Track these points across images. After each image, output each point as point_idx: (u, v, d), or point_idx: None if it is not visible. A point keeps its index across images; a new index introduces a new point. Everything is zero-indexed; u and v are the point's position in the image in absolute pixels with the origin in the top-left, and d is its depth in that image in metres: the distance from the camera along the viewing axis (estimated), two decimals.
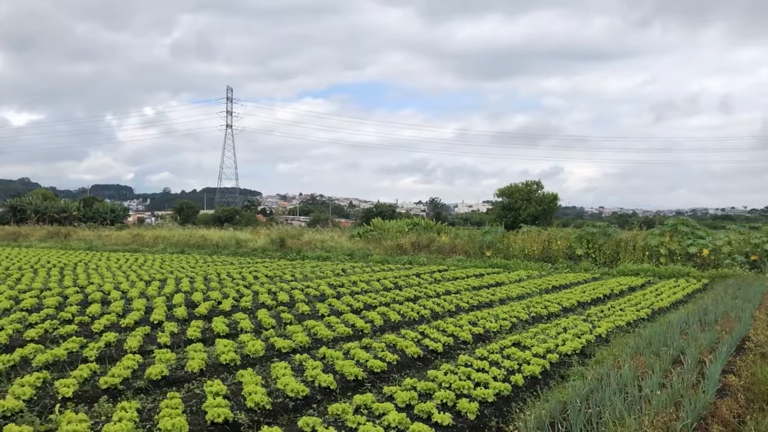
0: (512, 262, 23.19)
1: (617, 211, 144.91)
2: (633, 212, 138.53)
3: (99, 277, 17.54)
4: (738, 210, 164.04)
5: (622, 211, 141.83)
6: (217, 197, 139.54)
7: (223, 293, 14.01)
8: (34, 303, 11.98)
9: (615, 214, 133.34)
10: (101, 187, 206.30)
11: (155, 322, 10.38)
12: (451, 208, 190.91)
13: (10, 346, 8.41)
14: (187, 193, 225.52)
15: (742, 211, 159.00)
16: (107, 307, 11.98)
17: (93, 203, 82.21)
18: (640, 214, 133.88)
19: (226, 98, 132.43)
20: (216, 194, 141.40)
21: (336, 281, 16.88)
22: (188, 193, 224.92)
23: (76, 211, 73.42)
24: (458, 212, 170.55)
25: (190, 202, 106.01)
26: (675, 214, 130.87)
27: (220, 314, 11.40)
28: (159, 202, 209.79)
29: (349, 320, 10.40)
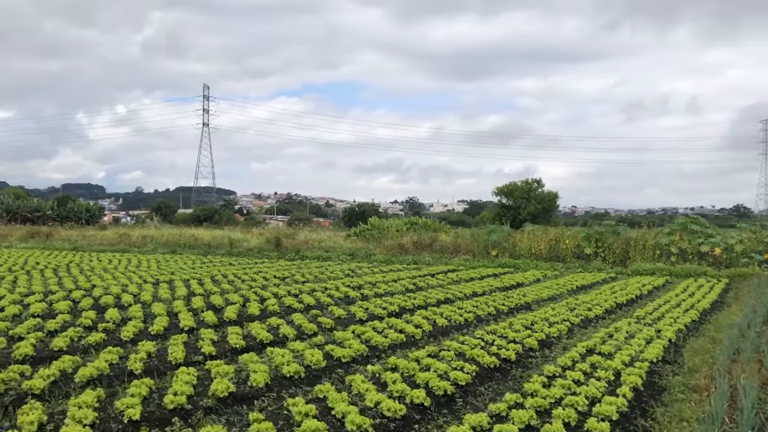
0: (521, 261, 22.69)
1: (590, 211, 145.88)
2: (605, 211, 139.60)
3: (99, 279, 16.61)
4: (707, 209, 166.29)
5: (595, 211, 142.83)
6: (193, 196, 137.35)
7: (242, 296, 13.23)
8: (44, 308, 11.11)
9: (588, 213, 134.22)
10: (72, 186, 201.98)
11: (186, 328, 9.61)
12: (427, 207, 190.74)
13: (38, 357, 7.59)
14: (161, 192, 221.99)
15: (711, 210, 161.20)
16: (125, 312, 11.15)
17: (67, 202, 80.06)
18: (612, 213, 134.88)
19: (202, 96, 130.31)
20: (192, 193, 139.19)
21: (351, 282, 16.19)
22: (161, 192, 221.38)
23: (50, 211, 71.42)
24: (433, 211, 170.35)
25: (167, 201, 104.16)
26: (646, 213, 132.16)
27: (252, 319, 10.66)
28: (132, 202, 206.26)
29: (397, 325, 9.73)
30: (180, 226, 50.66)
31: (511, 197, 41.59)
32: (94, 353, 8.01)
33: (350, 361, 7.64)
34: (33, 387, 6.02)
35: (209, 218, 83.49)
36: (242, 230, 35.74)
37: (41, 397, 5.99)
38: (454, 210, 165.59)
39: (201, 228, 38.57)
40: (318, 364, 7.19)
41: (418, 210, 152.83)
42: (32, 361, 7.47)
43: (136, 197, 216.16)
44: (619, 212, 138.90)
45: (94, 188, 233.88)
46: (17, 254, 26.58)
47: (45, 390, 6.09)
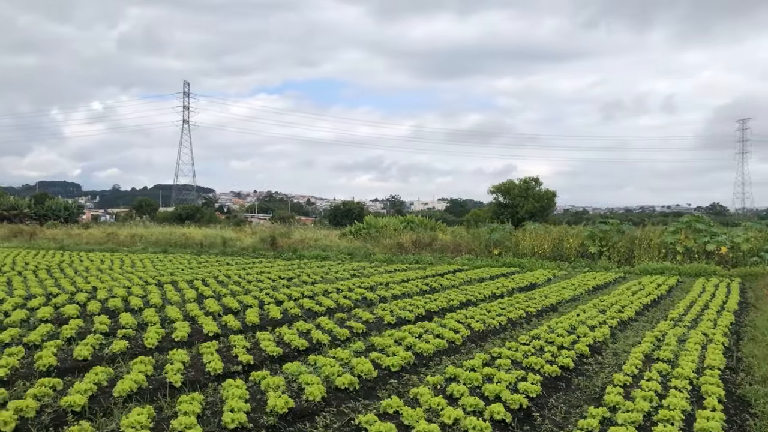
0: (526, 260, 22.37)
1: (569, 209, 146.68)
2: (584, 209, 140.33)
3: (98, 280, 15.93)
4: (683, 207, 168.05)
5: (574, 209, 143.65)
6: (173, 194, 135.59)
7: (256, 298, 12.68)
8: (51, 313, 10.47)
9: (567, 211, 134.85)
10: (47, 184, 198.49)
11: (210, 334, 9.07)
12: (408, 205, 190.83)
13: (64, 368, 7.04)
14: (138, 190, 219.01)
15: (687, 208, 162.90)
16: (138, 316, 10.58)
17: (45, 200, 78.46)
18: (591, 211, 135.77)
19: (183, 93, 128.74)
20: (172, 191, 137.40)
21: (362, 283, 15.70)
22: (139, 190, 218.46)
23: (27, 209, 69.86)
24: (414, 209, 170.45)
25: (148, 200, 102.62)
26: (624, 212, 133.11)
27: (275, 323, 10.16)
28: (109, 200, 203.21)
29: (433, 330, 9.26)
30: (165, 224, 49.66)
31: (508, 195, 41.25)
32: (122, 363, 7.47)
33: (399, 370, 7.18)
34: (73, 404, 5.47)
35: (191, 217, 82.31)
36: (234, 229, 35.04)
37: (82, 415, 5.46)
38: (434, 208, 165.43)
39: (191, 226, 37.73)
40: (369, 374, 6.72)
41: (400, 208, 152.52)
42: (58, 372, 6.93)
43: (113, 195, 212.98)
44: (597, 210, 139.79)
45: (70, 186, 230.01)
46: (3, 254, 25.70)
47: (85, 407, 5.54)
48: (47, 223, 50.27)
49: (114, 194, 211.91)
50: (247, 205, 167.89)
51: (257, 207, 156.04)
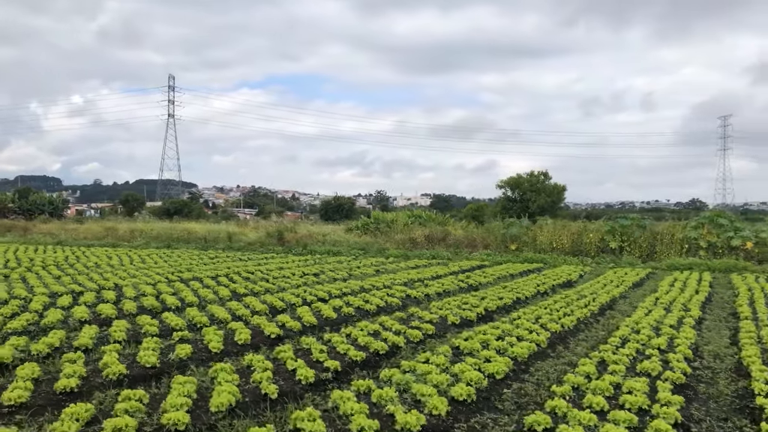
0: (547, 256, 21.88)
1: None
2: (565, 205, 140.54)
3: (115, 277, 15.14)
4: (662, 203, 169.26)
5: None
6: (158, 189, 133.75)
7: (297, 295, 12.01)
8: (87, 313, 9.75)
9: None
10: (27, 178, 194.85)
11: (273, 336, 8.42)
12: (391, 201, 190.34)
13: (135, 376, 6.37)
14: (120, 185, 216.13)
15: (667, 204, 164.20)
16: (182, 315, 9.86)
17: (29, 195, 76.86)
18: (572, 206, 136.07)
19: (168, 87, 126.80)
20: (157, 186, 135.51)
21: (393, 279, 15.06)
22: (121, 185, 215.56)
23: (11, 203, 68.28)
24: (397, 205, 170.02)
25: (134, 194, 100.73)
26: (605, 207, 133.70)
27: (333, 323, 9.56)
28: (90, 194, 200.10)
29: (511, 331, 8.67)
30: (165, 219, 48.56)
31: (518, 190, 40.63)
32: (194, 369, 6.80)
33: (504, 378, 6.58)
34: (177, 422, 4.81)
35: (179, 211, 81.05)
36: (237, 224, 34.22)
37: None
38: (417, 204, 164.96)
39: (191, 221, 36.83)
40: (480, 383, 6.11)
41: (385, 203, 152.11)
42: (130, 381, 6.25)
43: (94, 189, 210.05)
44: (578, 206, 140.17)
45: (51, 180, 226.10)
46: (1, 249, 24.70)
47: (189, 425, 4.88)
48: (39, 217, 49.02)
49: (95, 189, 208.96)
50: (232, 200, 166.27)
51: (243, 202, 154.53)
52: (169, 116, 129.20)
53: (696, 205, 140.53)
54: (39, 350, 7.23)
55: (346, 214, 78.37)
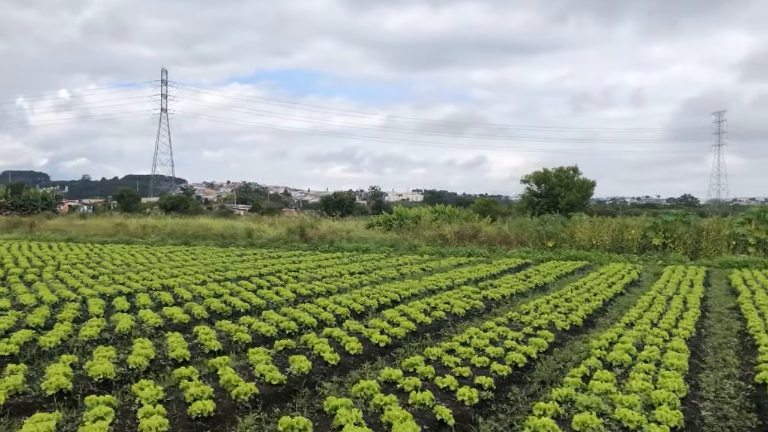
0: (591, 253, 21.09)
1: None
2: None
3: (155, 277, 14.18)
4: (653, 199, 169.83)
5: None
6: (151, 185, 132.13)
7: (369, 296, 11.13)
8: (159, 319, 8.83)
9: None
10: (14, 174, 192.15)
11: (382, 344, 7.54)
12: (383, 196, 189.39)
13: (267, 397, 5.45)
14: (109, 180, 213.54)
15: (657, 200, 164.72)
16: (259, 318, 8.95)
17: (21, 190, 75.42)
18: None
19: (161, 81, 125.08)
20: (150, 182, 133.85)
21: (452, 278, 14.20)
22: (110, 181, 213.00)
23: (3, 199, 66.83)
24: (389, 201, 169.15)
25: (130, 190, 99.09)
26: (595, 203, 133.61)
27: (431, 329, 8.73)
28: (78, 190, 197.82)
29: (635, 335, 7.82)
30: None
31: (544, 184, 39.65)
32: (330, 387, 5.90)
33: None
34: None
35: (176, 207, 79.87)
36: (252, 219, 33.24)
37: None
38: (409, 199, 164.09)
39: (204, 217, 35.78)
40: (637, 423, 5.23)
41: (380, 199, 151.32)
42: (265, 402, 5.39)
43: (82, 185, 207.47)
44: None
45: (38, 176, 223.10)
46: (14, 246, 23.58)
47: None
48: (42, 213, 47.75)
49: (84, 184, 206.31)
50: (224, 196, 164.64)
51: (236, 197, 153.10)
52: (162, 110, 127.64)
53: (688, 200, 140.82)
54: (138, 363, 6.31)
55: (346, 209, 77.54)
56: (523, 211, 36.66)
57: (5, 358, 6.74)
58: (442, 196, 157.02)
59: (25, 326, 8.41)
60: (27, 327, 8.37)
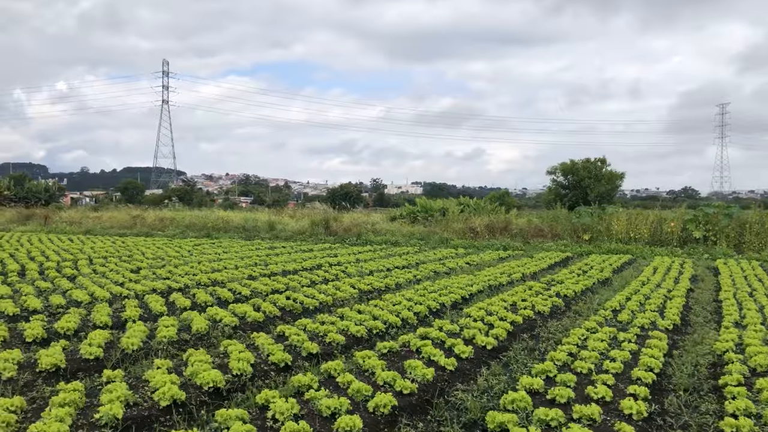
0: (632, 247, 20.52)
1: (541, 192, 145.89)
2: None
3: (195, 271, 13.57)
4: (651, 191, 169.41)
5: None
6: (153, 177, 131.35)
7: (439, 293, 10.52)
8: (234, 318, 8.22)
9: (540, 195, 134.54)
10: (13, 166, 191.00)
11: (489, 347, 6.98)
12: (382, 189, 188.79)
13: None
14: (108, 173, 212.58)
15: (657, 192, 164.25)
16: (334, 317, 8.35)
17: (24, 182, 74.70)
18: None
19: (162, 72, 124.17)
20: (152, 174, 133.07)
21: (502, 274, 13.62)
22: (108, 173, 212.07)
23: (6, 191, 66.07)
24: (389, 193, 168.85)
25: (134, 182, 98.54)
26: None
27: (522, 331, 8.09)
28: (77, 182, 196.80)
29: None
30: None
31: (574, 176, 38.83)
32: (462, 395, 5.31)
33: None
34: None
35: (181, 199, 79.27)
36: (274, 212, 32.63)
37: None
38: (407, 192, 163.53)
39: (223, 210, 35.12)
40: None
41: (381, 192, 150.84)
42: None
43: (81, 177, 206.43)
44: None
45: (36, 168, 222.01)
46: (33, 238, 22.90)
47: None
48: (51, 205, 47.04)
49: (82, 176, 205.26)
50: (226, 188, 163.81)
51: (237, 190, 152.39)
52: (163, 102, 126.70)
53: (689, 193, 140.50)
54: (242, 369, 5.72)
55: (354, 201, 76.90)
56: (550, 203, 35.99)
57: (90, 362, 6.14)
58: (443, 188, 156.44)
59: (92, 325, 7.82)
60: (95, 326, 7.78)
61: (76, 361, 6.12)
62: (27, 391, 5.33)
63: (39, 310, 8.72)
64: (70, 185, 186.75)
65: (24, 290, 10.26)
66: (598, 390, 5.14)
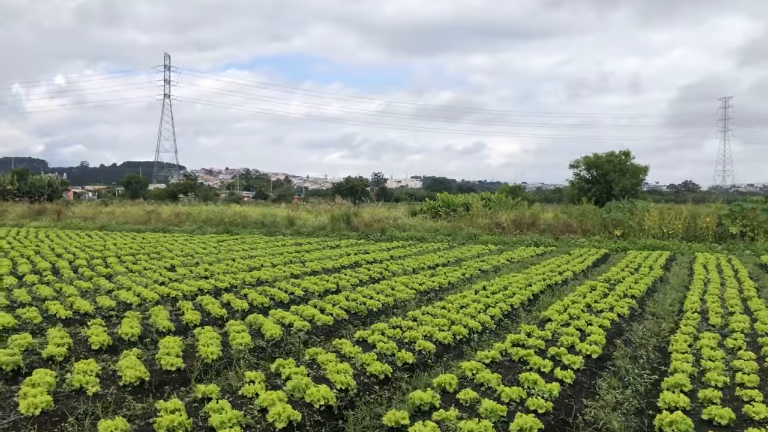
0: (669, 242, 19.99)
1: (540, 186, 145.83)
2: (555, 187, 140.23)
3: (232, 269, 13.04)
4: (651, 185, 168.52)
5: (545, 187, 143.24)
6: (155, 171, 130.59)
7: (507, 292, 9.99)
8: (304, 322, 7.68)
9: (539, 189, 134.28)
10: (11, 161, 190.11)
11: (595, 356, 6.42)
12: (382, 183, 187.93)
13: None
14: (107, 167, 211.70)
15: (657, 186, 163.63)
16: (407, 320, 7.81)
17: (26, 176, 74.07)
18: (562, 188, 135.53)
19: (164, 66, 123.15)
20: (154, 168, 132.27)
21: (551, 271, 13.09)
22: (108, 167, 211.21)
23: (9, 185, 65.42)
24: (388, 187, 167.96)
25: (137, 176, 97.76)
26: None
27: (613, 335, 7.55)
28: (77, 176, 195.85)
29: None
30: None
31: (599, 170, 38.06)
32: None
33: None
34: None
35: (185, 193, 78.59)
36: (290, 206, 32.08)
37: None
38: (407, 186, 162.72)
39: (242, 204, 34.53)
40: None
41: (383, 186, 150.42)
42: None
43: (81, 172, 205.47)
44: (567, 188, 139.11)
45: (35, 162, 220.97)
46: (52, 235, 22.28)
47: None
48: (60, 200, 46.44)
49: (82, 171, 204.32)
50: (228, 183, 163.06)
51: (239, 185, 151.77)
52: (165, 96, 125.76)
53: (689, 187, 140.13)
54: (346, 383, 5.19)
55: (360, 195, 76.21)
56: (573, 197, 35.43)
57: (172, 373, 5.60)
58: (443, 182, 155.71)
59: (155, 331, 7.28)
60: (158, 332, 7.25)
61: (158, 372, 5.59)
62: (117, 409, 4.80)
63: (90, 313, 8.18)
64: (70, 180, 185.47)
65: (66, 290, 9.72)
66: (757, 409, 4.60)
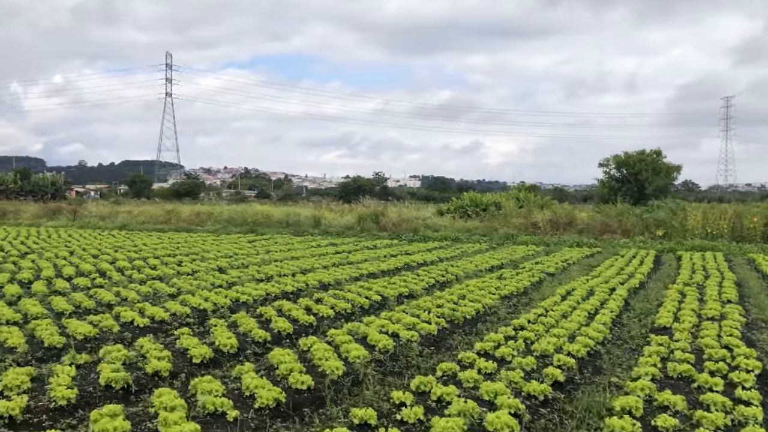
0: (719, 243, 19.32)
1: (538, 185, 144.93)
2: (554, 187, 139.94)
3: (284, 271, 12.34)
4: None
5: (544, 186, 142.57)
6: (156, 170, 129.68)
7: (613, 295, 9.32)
8: (385, 337, 7.01)
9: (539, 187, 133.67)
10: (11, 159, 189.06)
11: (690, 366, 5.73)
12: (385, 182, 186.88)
13: None
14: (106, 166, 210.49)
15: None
16: (508, 327, 7.14)
17: (29, 175, 73.38)
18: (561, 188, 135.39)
19: (165, 65, 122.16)
20: (156, 167, 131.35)
21: (618, 275, 12.43)
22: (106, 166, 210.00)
23: (12, 184, 64.67)
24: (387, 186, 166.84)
25: (141, 175, 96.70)
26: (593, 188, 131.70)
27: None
28: (75, 175, 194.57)
29: None
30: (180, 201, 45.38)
31: (630, 169, 37.26)
32: None
33: None
34: None
35: (190, 193, 78.05)
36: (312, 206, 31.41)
37: None
38: (406, 185, 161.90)
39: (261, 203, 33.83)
40: None
41: (385, 186, 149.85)
42: None
43: (79, 171, 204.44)
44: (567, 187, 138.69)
45: (34, 161, 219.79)
46: (75, 234, 21.50)
47: None
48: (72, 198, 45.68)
49: (81, 170, 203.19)
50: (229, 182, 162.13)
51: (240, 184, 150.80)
52: (166, 95, 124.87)
53: (689, 186, 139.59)
54: (515, 407, 4.49)
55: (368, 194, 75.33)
56: (603, 197, 34.77)
57: (304, 393, 4.92)
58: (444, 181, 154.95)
59: (251, 341, 6.59)
60: (254, 342, 6.57)
61: (289, 392, 4.90)
62: None
63: (167, 320, 7.51)
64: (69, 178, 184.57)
65: (125, 294, 9.03)
66: None
